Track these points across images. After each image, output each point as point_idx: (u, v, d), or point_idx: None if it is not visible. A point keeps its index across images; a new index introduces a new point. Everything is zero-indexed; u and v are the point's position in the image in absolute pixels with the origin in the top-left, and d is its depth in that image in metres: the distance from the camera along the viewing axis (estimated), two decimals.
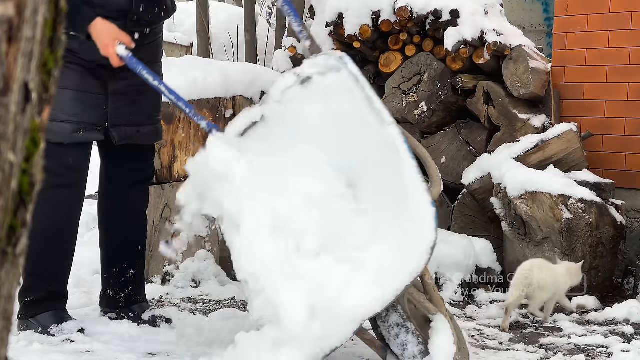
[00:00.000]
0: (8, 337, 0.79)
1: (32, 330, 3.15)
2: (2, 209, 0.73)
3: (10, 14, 0.69)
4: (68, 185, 3.15)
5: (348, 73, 2.68)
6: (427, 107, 4.79)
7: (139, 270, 3.47)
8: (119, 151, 3.30)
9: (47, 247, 3.15)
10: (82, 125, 3.13)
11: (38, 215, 3.01)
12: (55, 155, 3.03)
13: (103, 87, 3.19)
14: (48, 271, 3.20)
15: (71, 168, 3.15)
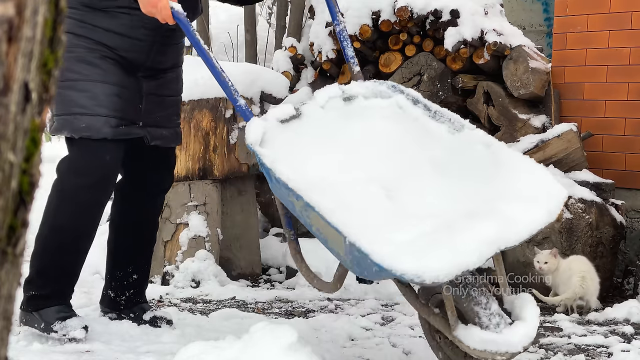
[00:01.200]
0: (8, 337, 0.79)
1: (34, 325, 3.08)
2: (2, 209, 0.73)
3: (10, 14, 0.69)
4: (98, 187, 3.06)
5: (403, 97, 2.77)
6: None
7: (144, 275, 3.43)
8: (145, 155, 3.25)
9: (63, 247, 3.07)
10: (124, 120, 3.06)
11: (62, 215, 3.02)
12: (89, 153, 3.00)
13: (139, 84, 3.13)
14: (58, 270, 3.12)
15: (105, 167, 3.05)
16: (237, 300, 4.06)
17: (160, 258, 4.36)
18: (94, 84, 3.01)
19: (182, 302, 3.98)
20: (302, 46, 5.38)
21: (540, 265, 3.88)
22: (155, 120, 3.19)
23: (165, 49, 3.18)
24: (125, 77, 3.08)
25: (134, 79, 3.12)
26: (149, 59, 3.13)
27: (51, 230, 3.06)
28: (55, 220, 3.05)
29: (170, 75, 3.28)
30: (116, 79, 3.05)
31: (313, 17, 5.36)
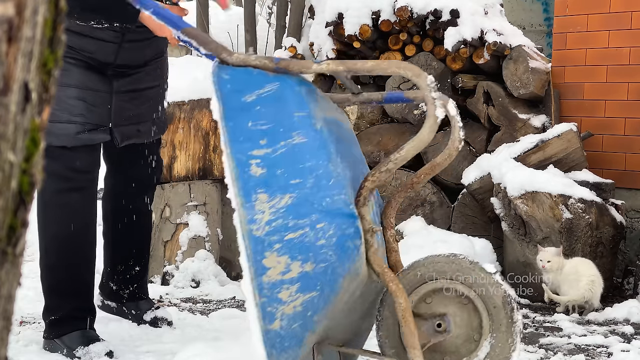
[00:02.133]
0: (8, 337, 0.79)
1: (58, 352, 2.99)
2: (2, 209, 0.72)
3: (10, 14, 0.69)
4: (79, 188, 2.98)
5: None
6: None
7: (144, 267, 3.41)
8: (123, 154, 3.19)
9: (64, 257, 2.99)
10: (86, 125, 2.95)
11: (52, 223, 2.96)
12: (62, 157, 2.90)
13: (108, 84, 3.02)
14: (69, 285, 3.01)
15: (80, 170, 2.97)
16: (237, 300, 4.06)
17: (160, 258, 4.36)
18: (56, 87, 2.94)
19: (182, 302, 3.98)
20: (302, 46, 5.38)
21: (543, 263, 3.89)
22: (128, 117, 3.09)
23: (136, 45, 3.06)
24: (91, 78, 2.97)
25: (101, 78, 3.00)
26: (117, 58, 3.03)
27: (47, 242, 3.00)
28: (47, 231, 2.99)
29: (149, 68, 3.17)
30: (80, 80, 2.94)
31: (313, 17, 5.36)
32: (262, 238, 2.17)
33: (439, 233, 4.41)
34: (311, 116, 2.24)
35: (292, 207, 2.17)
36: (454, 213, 4.67)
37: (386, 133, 4.98)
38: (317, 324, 2.16)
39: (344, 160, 2.27)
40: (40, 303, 3.51)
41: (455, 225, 4.64)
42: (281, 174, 2.19)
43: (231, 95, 2.27)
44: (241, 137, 2.24)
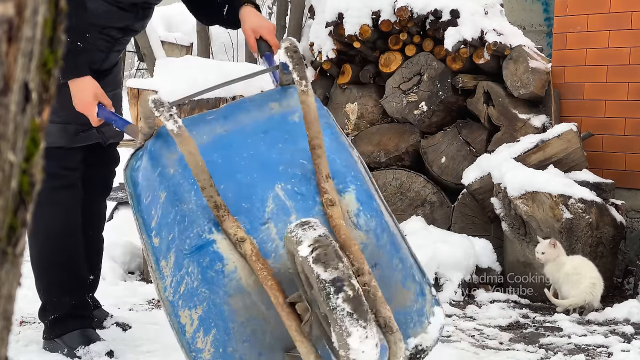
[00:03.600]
0: (8, 337, 0.79)
1: (58, 352, 2.98)
2: (2, 209, 0.72)
3: (10, 13, 0.69)
4: (70, 185, 3.05)
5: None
6: (427, 107, 4.79)
7: (98, 276, 3.38)
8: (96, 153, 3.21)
9: (60, 254, 3.01)
10: (82, 126, 3.01)
11: (46, 220, 2.97)
12: (55, 157, 2.96)
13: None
14: (66, 281, 3.03)
15: (71, 168, 3.05)
16: None
17: None
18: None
19: None
20: (302, 46, 5.38)
21: (538, 255, 3.93)
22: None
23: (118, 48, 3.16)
24: None
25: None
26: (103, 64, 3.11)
27: (42, 240, 3.00)
28: (41, 229, 2.99)
29: (115, 71, 3.27)
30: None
31: (313, 17, 5.35)
32: (173, 301, 2.25)
33: (439, 233, 4.41)
34: (165, 166, 2.29)
35: (175, 262, 2.24)
36: (454, 213, 4.67)
37: (386, 133, 4.97)
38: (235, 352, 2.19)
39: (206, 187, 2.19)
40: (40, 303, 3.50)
41: (456, 225, 4.64)
42: (164, 235, 2.27)
43: (135, 181, 2.42)
44: (145, 215, 2.35)
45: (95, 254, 3.36)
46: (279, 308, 2.09)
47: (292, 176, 2.31)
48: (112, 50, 3.10)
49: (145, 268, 4.45)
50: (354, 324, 1.90)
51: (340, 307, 1.90)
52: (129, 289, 4.10)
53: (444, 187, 4.81)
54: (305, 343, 2.07)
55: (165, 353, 2.95)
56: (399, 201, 4.82)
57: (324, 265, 1.93)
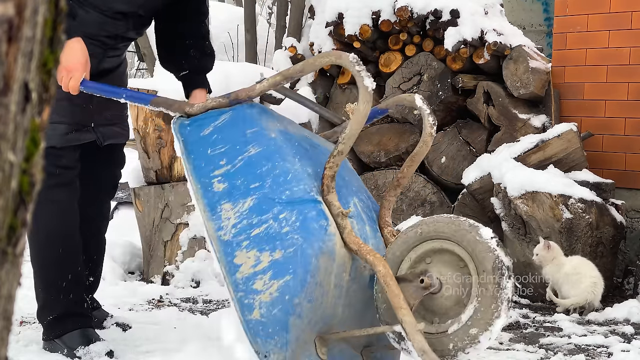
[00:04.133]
0: (8, 337, 0.79)
1: (58, 352, 2.98)
2: (2, 209, 0.72)
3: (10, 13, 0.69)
4: (66, 183, 3.04)
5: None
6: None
7: (98, 277, 3.39)
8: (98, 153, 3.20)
9: (58, 252, 3.00)
10: (73, 126, 3.02)
11: (43, 219, 2.95)
12: (49, 156, 2.93)
13: None
14: (65, 279, 3.01)
15: (66, 167, 3.03)
16: None
17: (160, 258, 4.36)
18: None
19: (182, 302, 3.98)
20: (302, 46, 5.38)
21: (534, 257, 3.95)
22: (106, 118, 3.15)
23: (112, 54, 3.15)
24: None
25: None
26: (99, 67, 3.09)
27: (40, 239, 3.00)
28: (39, 228, 2.98)
29: (118, 70, 3.25)
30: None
31: (313, 17, 5.36)
32: (229, 241, 2.34)
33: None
34: (263, 128, 2.49)
35: (255, 207, 2.35)
36: (454, 213, 4.67)
37: (386, 133, 4.98)
38: (298, 306, 2.25)
39: (304, 159, 2.45)
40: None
41: None
42: (241, 183, 2.40)
43: (190, 134, 2.56)
44: (202, 163, 2.49)
45: (97, 255, 3.36)
46: (389, 277, 2.24)
47: (361, 199, 2.63)
48: (106, 56, 3.08)
49: (146, 267, 4.45)
50: (506, 311, 2.21)
51: (507, 291, 2.20)
52: (129, 289, 4.10)
53: (444, 187, 4.82)
54: (411, 312, 2.20)
55: (165, 353, 2.95)
56: (399, 201, 4.82)
57: (504, 252, 2.26)
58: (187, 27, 3.09)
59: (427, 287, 2.27)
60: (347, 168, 2.81)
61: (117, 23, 2.98)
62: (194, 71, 3.07)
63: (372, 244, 2.49)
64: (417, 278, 2.29)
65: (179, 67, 3.09)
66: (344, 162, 2.75)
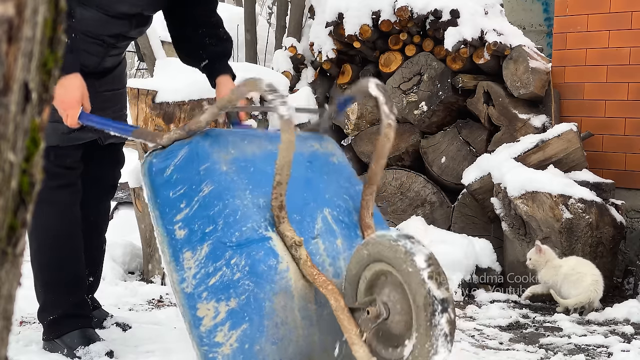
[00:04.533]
0: (8, 337, 0.79)
1: (58, 352, 2.97)
2: (2, 209, 0.73)
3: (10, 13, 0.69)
4: (68, 184, 3.03)
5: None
6: (427, 107, 4.79)
7: (99, 277, 3.37)
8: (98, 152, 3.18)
9: (59, 253, 3.00)
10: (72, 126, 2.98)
11: (45, 220, 2.95)
12: (52, 156, 2.94)
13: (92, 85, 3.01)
14: (65, 280, 3.02)
15: (69, 167, 3.03)
16: None
17: (160, 258, 4.36)
18: None
19: None
20: (302, 46, 5.38)
21: (527, 262, 3.96)
22: (107, 116, 3.08)
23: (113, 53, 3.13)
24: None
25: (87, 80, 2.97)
26: (100, 66, 3.09)
27: (41, 237, 2.99)
28: (40, 228, 2.98)
29: (118, 69, 3.23)
30: None
31: (313, 17, 5.36)
32: (191, 293, 2.28)
33: (439, 233, 4.41)
34: (215, 162, 2.37)
35: (210, 254, 2.27)
36: (454, 213, 4.67)
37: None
38: (260, 353, 2.21)
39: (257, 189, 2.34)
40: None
41: (455, 225, 4.64)
42: (198, 227, 2.31)
43: (156, 175, 2.44)
44: (167, 208, 2.38)
45: (97, 255, 3.35)
46: (340, 311, 2.18)
47: (337, 206, 2.50)
48: (108, 55, 3.07)
49: (146, 267, 4.45)
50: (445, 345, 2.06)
51: (441, 327, 2.05)
52: (129, 289, 4.10)
53: (444, 187, 4.81)
54: (364, 348, 2.15)
55: (165, 353, 2.95)
56: (399, 201, 4.82)
57: (438, 284, 2.08)
58: (198, 18, 3.06)
59: (376, 317, 2.19)
60: (325, 169, 2.64)
61: (119, 22, 2.97)
62: (214, 59, 3.03)
63: (343, 258, 2.41)
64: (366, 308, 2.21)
65: (198, 58, 3.06)
66: (325, 161, 2.64)
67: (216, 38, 3.06)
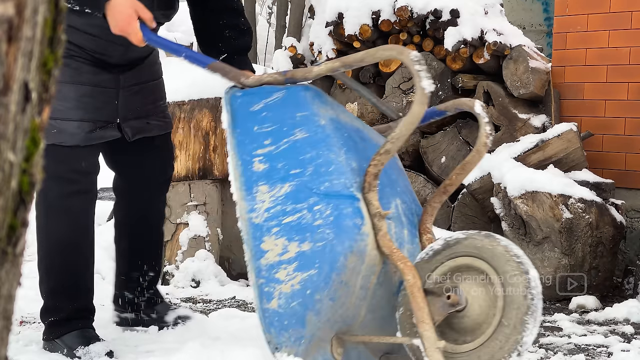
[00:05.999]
0: (8, 337, 0.79)
1: (58, 352, 2.96)
2: (2, 209, 0.73)
3: (10, 13, 0.69)
4: (84, 191, 2.96)
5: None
6: (427, 107, 4.78)
7: (158, 272, 3.34)
8: (133, 149, 3.11)
9: (68, 260, 2.96)
10: (97, 123, 2.93)
11: (56, 226, 2.93)
12: (67, 159, 2.87)
13: (115, 80, 2.99)
14: (71, 287, 2.99)
15: (84, 172, 2.95)
16: (237, 300, 4.06)
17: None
18: (65, 85, 2.84)
19: (182, 302, 3.98)
20: (302, 46, 5.38)
21: None
22: (136, 112, 3.06)
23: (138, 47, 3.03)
24: (99, 74, 2.94)
25: (108, 74, 2.97)
26: (124, 58, 3.01)
27: (50, 243, 2.97)
28: (50, 232, 2.95)
29: (148, 60, 3.15)
30: (88, 77, 2.91)
31: (313, 17, 5.36)
32: (260, 224, 2.28)
33: (439, 233, 4.41)
34: (314, 114, 2.39)
35: (291, 194, 2.28)
36: (454, 213, 4.67)
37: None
38: (318, 303, 2.21)
39: (350, 152, 2.38)
40: (41, 303, 3.48)
41: (455, 225, 4.64)
42: (282, 166, 2.32)
43: (240, 107, 2.45)
44: (247, 140, 2.39)
45: (153, 250, 3.31)
46: (416, 289, 2.19)
47: (404, 201, 2.54)
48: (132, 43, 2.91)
49: None
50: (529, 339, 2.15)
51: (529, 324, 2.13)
52: None
53: None
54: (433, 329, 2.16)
55: (165, 353, 2.95)
56: None
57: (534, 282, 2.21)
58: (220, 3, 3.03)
59: (453, 304, 2.22)
60: (397, 167, 2.72)
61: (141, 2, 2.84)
62: (233, 53, 2.99)
63: (407, 249, 2.43)
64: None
65: (217, 50, 3.01)
66: (394, 160, 2.68)
67: (236, 30, 3.01)
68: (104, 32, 2.85)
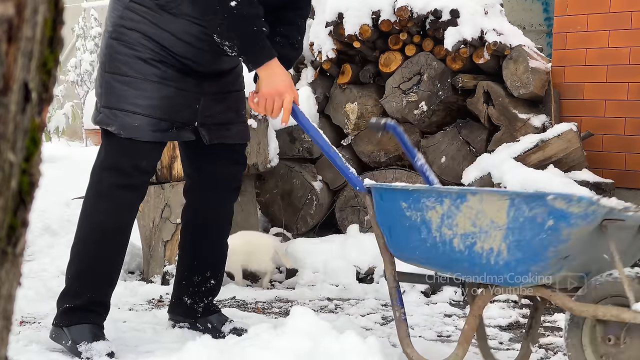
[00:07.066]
0: (8, 337, 0.79)
1: (61, 342, 2.98)
2: (2, 209, 0.73)
3: (10, 13, 0.69)
4: (135, 187, 2.99)
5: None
6: (427, 107, 4.79)
7: (220, 280, 3.34)
8: (210, 154, 3.14)
9: (101, 247, 2.98)
10: (175, 124, 2.97)
11: (100, 214, 2.97)
12: (132, 153, 2.92)
13: (200, 86, 3.03)
14: (97, 274, 3.00)
15: (142, 170, 2.98)
16: (237, 300, 4.06)
17: (160, 258, 4.36)
18: (151, 84, 2.91)
19: None
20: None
21: None
22: (217, 118, 3.09)
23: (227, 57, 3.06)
24: (184, 79, 2.99)
25: (193, 80, 3.02)
26: (212, 67, 3.06)
27: (89, 229, 2.99)
28: (93, 218, 2.98)
29: (234, 71, 3.19)
30: (173, 80, 2.96)
31: (313, 17, 5.35)
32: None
33: None
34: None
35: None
36: None
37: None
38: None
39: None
40: (41, 303, 3.48)
41: None
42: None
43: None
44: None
45: (219, 258, 3.32)
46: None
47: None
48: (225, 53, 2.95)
49: (146, 267, 4.45)
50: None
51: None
52: (129, 289, 4.10)
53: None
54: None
55: (165, 353, 2.95)
56: None
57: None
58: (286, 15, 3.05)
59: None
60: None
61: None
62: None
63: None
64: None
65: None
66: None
67: (287, 40, 3.03)
68: (198, 41, 2.93)
